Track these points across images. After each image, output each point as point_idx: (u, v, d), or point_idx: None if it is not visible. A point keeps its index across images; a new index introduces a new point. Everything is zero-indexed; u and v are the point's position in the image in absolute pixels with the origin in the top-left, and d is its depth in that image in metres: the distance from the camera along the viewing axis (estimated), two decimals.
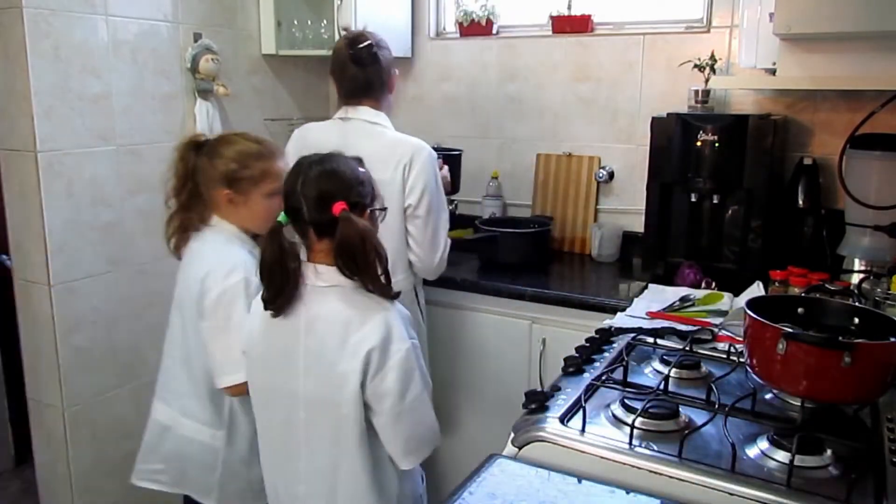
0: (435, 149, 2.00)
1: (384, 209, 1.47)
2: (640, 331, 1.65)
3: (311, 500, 1.41)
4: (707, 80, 2.18)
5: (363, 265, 1.31)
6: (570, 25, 2.52)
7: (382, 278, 1.33)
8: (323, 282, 1.35)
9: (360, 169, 1.40)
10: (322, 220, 1.33)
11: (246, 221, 1.64)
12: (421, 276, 2.03)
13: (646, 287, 2.06)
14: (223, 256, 1.57)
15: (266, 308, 1.37)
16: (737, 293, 1.91)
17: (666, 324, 1.70)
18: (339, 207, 1.31)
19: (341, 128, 1.95)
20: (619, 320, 1.77)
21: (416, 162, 1.88)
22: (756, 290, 1.89)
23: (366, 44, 1.92)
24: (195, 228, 1.66)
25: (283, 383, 1.39)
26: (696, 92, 2.15)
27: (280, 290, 1.34)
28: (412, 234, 1.92)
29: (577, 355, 1.48)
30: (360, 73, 1.92)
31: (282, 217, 1.36)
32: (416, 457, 1.40)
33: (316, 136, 1.98)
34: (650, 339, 1.60)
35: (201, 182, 1.63)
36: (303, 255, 1.40)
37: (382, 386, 1.31)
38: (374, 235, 1.33)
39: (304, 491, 1.42)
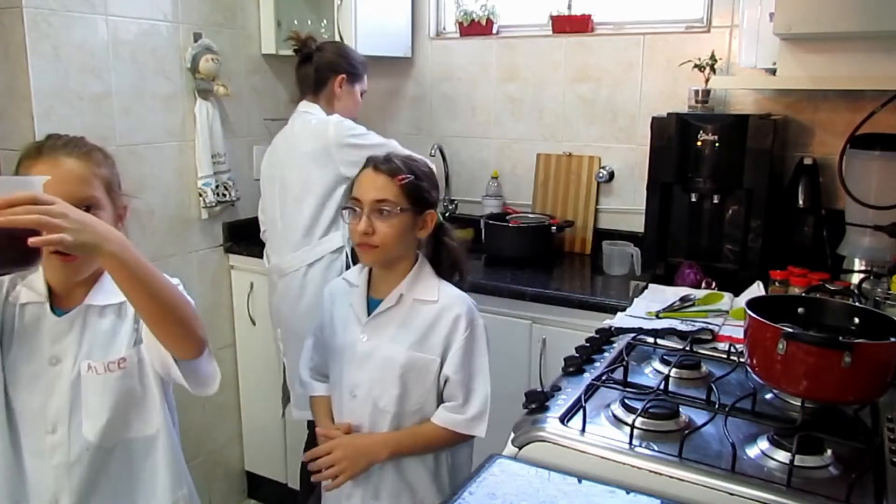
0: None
1: None
2: (640, 331, 1.65)
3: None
4: (707, 80, 2.17)
5: None
6: (570, 25, 2.52)
7: None
8: None
9: None
10: None
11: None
12: None
13: (646, 287, 2.06)
14: None
15: None
16: (737, 293, 1.91)
17: (666, 324, 1.70)
18: None
19: None
20: (619, 320, 1.76)
21: None
22: (756, 290, 1.89)
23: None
24: None
25: None
26: (696, 92, 2.15)
27: None
28: None
29: (577, 355, 1.48)
30: None
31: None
32: None
33: None
34: (650, 339, 1.60)
35: None
36: None
37: None
38: None
39: None
